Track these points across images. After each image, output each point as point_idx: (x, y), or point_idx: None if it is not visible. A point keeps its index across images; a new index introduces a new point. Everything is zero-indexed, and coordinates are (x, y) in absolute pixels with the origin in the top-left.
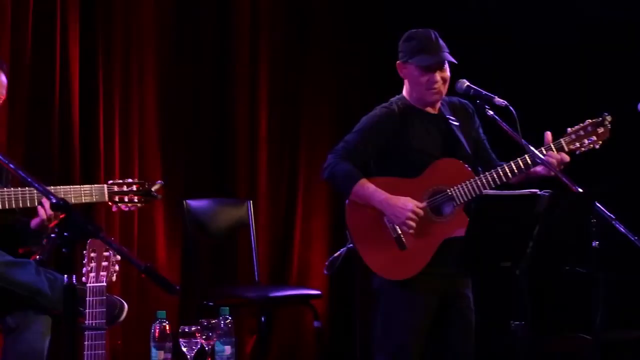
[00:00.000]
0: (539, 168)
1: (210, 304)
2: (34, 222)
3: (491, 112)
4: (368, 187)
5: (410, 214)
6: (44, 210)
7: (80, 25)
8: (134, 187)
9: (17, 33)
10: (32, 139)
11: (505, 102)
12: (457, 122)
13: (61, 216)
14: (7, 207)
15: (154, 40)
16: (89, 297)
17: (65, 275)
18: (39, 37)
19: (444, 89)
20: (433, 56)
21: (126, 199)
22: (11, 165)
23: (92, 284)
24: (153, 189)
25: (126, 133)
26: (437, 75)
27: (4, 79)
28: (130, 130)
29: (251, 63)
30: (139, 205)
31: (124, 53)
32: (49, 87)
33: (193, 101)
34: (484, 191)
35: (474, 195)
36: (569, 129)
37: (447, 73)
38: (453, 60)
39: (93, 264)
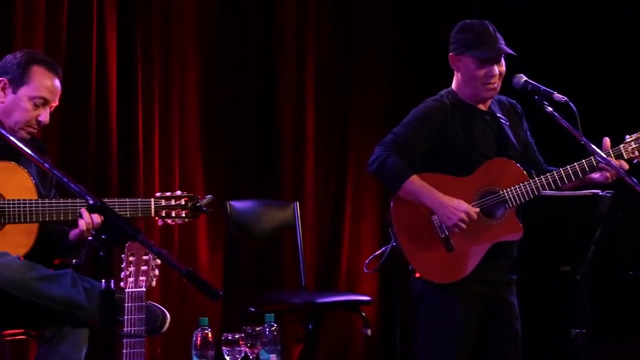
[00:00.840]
0: (595, 175)
1: (255, 310)
2: (73, 234)
3: (550, 109)
4: (420, 184)
5: (464, 216)
6: (84, 221)
7: (117, 20)
8: (182, 201)
9: (51, 27)
10: (68, 142)
11: (566, 98)
12: (507, 121)
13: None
14: (47, 220)
15: (195, 35)
16: (128, 303)
17: (103, 281)
18: (73, 33)
19: (499, 85)
20: (491, 49)
21: (173, 214)
22: (46, 165)
23: (130, 290)
24: (202, 204)
25: (166, 132)
26: (496, 69)
27: (58, 84)
28: (170, 129)
29: (297, 58)
30: (186, 220)
31: (163, 50)
32: (85, 87)
33: (236, 98)
34: (542, 192)
35: (527, 199)
36: (627, 137)
37: (504, 67)
38: (513, 52)
39: (132, 269)
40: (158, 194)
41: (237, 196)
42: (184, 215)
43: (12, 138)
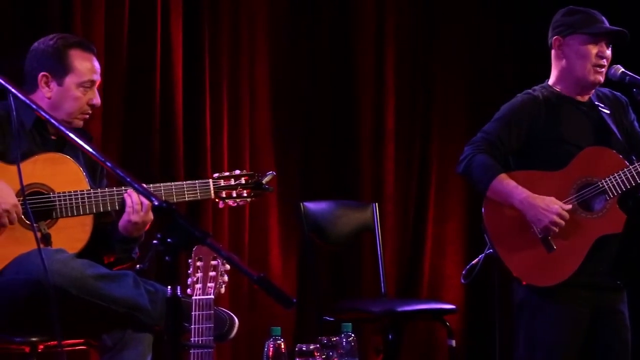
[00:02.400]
0: None
1: (331, 319)
2: (121, 222)
3: None
4: (508, 184)
5: (555, 217)
6: (131, 198)
7: (183, 7)
8: (243, 180)
9: (112, 16)
10: (130, 133)
11: None
12: (607, 110)
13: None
14: (100, 210)
15: (266, 22)
16: (195, 311)
17: (169, 287)
18: (137, 20)
19: (604, 74)
20: (603, 27)
21: (234, 194)
22: (108, 164)
23: (198, 297)
24: (264, 181)
25: (235, 126)
26: (607, 50)
27: (97, 63)
28: (240, 124)
29: (376, 48)
30: (248, 200)
31: (232, 36)
32: (148, 75)
33: (310, 91)
34: None
35: (629, 187)
36: None
37: (610, 54)
38: (625, 31)
39: (199, 274)
40: (216, 175)
41: (311, 197)
42: (245, 194)
43: (72, 136)
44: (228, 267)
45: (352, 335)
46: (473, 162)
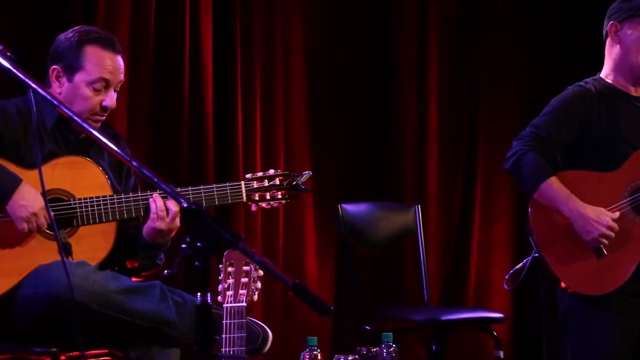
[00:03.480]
0: None
1: (370, 328)
2: (145, 228)
3: None
4: (558, 188)
5: (605, 230)
6: (155, 204)
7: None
8: (277, 181)
9: (138, 8)
10: (157, 132)
11: None
12: None
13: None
14: (124, 217)
15: (302, 13)
16: (226, 320)
17: (198, 295)
18: (163, 12)
19: None
20: None
21: (268, 196)
22: (135, 164)
23: (229, 305)
24: (300, 181)
25: (269, 124)
26: None
27: (119, 60)
28: (274, 121)
29: (418, 41)
30: (283, 202)
31: (266, 27)
32: (176, 71)
33: (348, 86)
34: None
35: None
36: None
37: None
38: None
39: (231, 281)
40: (249, 175)
41: (350, 198)
42: (280, 196)
43: (94, 132)
44: (261, 272)
45: (393, 345)
46: (522, 161)
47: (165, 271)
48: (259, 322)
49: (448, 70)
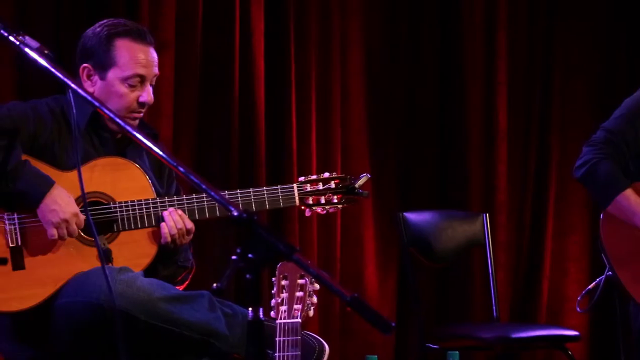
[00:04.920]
0: None
1: (435, 346)
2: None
3: None
4: (635, 202)
5: None
6: (167, 226)
7: None
8: (332, 184)
9: (184, 3)
10: (205, 133)
11: None
12: None
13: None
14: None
15: (361, 5)
16: (280, 336)
17: (250, 309)
18: (212, 4)
19: None
20: None
21: (322, 200)
22: (180, 168)
23: (283, 320)
24: (357, 184)
25: (325, 125)
26: None
27: (152, 53)
28: (330, 122)
29: (485, 36)
30: (339, 206)
31: (322, 21)
32: (226, 67)
33: (410, 84)
34: None
35: None
36: None
37: None
38: None
39: (284, 295)
40: (302, 178)
41: (412, 206)
42: (336, 200)
43: (137, 134)
44: (317, 286)
45: None
46: (597, 170)
47: (214, 285)
48: (314, 335)
49: (518, 66)
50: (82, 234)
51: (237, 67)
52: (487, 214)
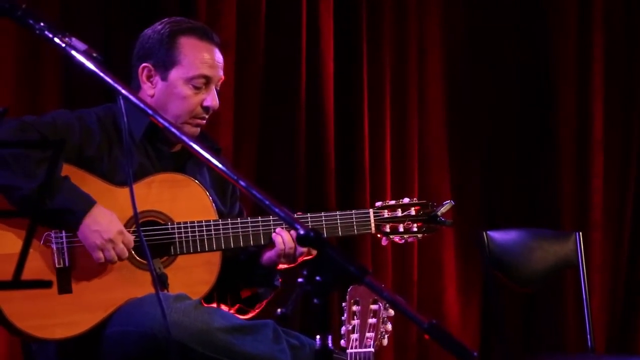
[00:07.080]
0: None
1: None
2: (267, 257)
3: None
4: None
5: None
6: (282, 239)
7: None
8: (412, 211)
9: (244, 3)
10: (267, 145)
11: None
12: None
13: (311, 254)
14: (231, 247)
15: (440, 6)
16: None
17: (318, 338)
18: (276, 4)
19: None
20: None
21: (401, 228)
22: (242, 183)
23: (354, 350)
24: (440, 212)
25: (401, 137)
26: None
27: (218, 54)
28: (406, 134)
29: (579, 36)
30: (419, 236)
31: (397, 23)
32: (291, 73)
33: (494, 91)
34: None
35: None
36: None
37: None
38: None
39: (356, 322)
40: (379, 203)
41: (497, 224)
42: (415, 229)
43: (193, 145)
44: (392, 312)
45: None
46: None
47: (279, 310)
48: None
49: (616, 72)
50: (137, 256)
51: (303, 70)
52: (581, 233)
